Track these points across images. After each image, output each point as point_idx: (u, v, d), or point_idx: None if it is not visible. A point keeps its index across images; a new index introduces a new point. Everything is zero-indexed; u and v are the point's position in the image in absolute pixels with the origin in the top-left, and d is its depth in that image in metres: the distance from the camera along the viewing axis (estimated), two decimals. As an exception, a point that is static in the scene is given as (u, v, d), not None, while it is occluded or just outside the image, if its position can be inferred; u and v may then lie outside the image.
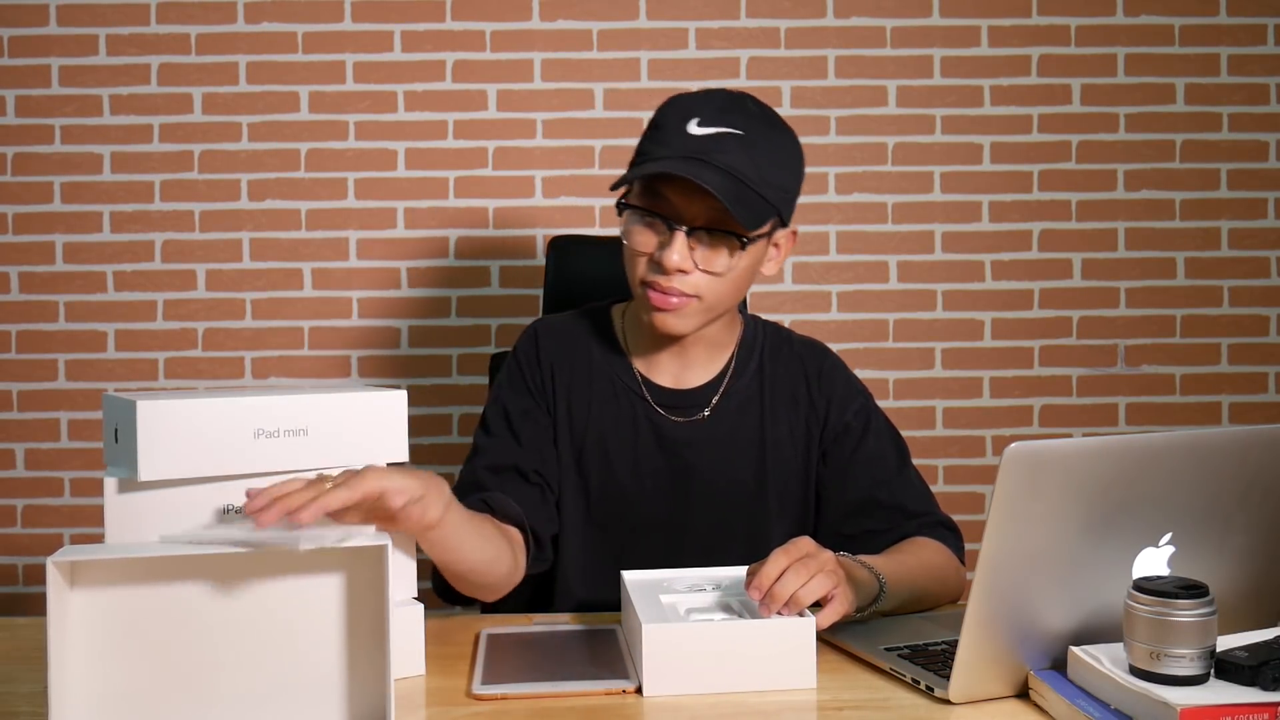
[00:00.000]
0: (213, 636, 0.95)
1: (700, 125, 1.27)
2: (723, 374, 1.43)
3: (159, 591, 0.95)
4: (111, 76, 2.31)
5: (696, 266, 1.29)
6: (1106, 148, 2.36)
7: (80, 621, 0.93)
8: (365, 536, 0.97)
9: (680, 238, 1.27)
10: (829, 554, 1.11)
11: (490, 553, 1.21)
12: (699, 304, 1.31)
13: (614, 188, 1.32)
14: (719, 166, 1.25)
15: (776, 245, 1.36)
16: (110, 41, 2.31)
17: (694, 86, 2.32)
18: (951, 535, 1.39)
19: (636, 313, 1.42)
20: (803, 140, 1.35)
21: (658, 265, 1.29)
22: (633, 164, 1.34)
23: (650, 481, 1.40)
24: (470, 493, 1.33)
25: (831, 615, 1.09)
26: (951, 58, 2.35)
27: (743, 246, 1.28)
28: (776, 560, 1.08)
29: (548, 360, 1.43)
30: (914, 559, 1.30)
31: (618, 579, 1.22)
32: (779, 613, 1.08)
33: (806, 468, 1.43)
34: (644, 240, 1.30)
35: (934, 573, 1.31)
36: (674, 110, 1.30)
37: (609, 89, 2.33)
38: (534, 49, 2.33)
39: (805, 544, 1.11)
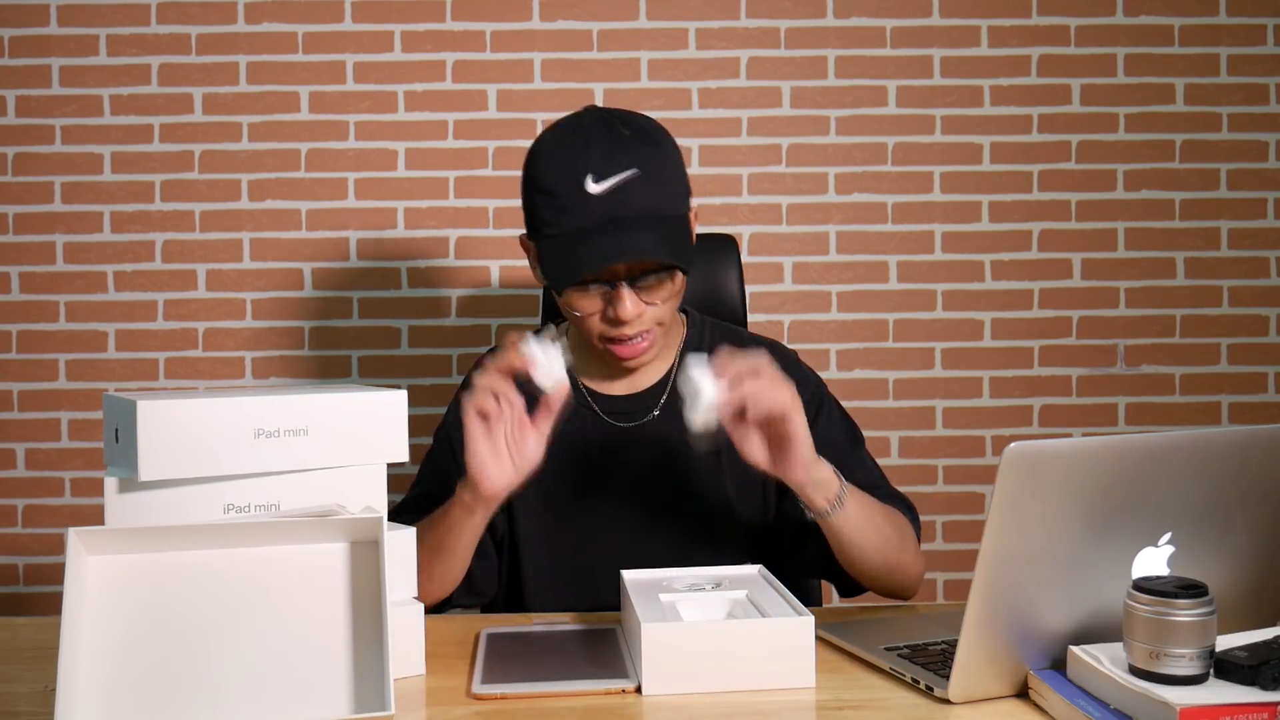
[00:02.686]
0: (221, 606, 0.96)
1: (596, 181, 1.24)
2: (669, 373, 1.44)
3: (171, 561, 0.95)
4: (111, 76, 2.31)
5: (647, 305, 1.30)
6: (1106, 148, 2.36)
7: (95, 592, 0.93)
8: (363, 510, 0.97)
9: (625, 292, 1.28)
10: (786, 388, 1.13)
11: (463, 564, 1.28)
12: (658, 329, 1.34)
13: (551, 281, 1.29)
14: (638, 218, 1.25)
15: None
16: (110, 41, 2.31)
17: (694, 86, 2.33)
18: (908, 509, 1.39)
19: (582, 338, 1.42)
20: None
21: (613, 321, 1.30)
22: (535, 231, 1.31)
23: (612, 489, 1.41)
24: (408, 516, 1.35)
25: (777, 387, 1.12)
26: (951, 58, 2.35)
27: (684, 271, 1.30)
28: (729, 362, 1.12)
29: None
30: (879, 504, 1.32)
31: (589, 587, 1.22)
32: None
33: None
34: (589, 304, 1.30)
35: (897, 526, 1.33)
36: (561, 170, 1.26)
37: (609, 89, 2.33)
38: (534, 49, 2.33)
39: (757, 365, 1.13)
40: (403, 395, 1.12)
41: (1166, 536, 0.99)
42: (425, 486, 1.43)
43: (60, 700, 0.88)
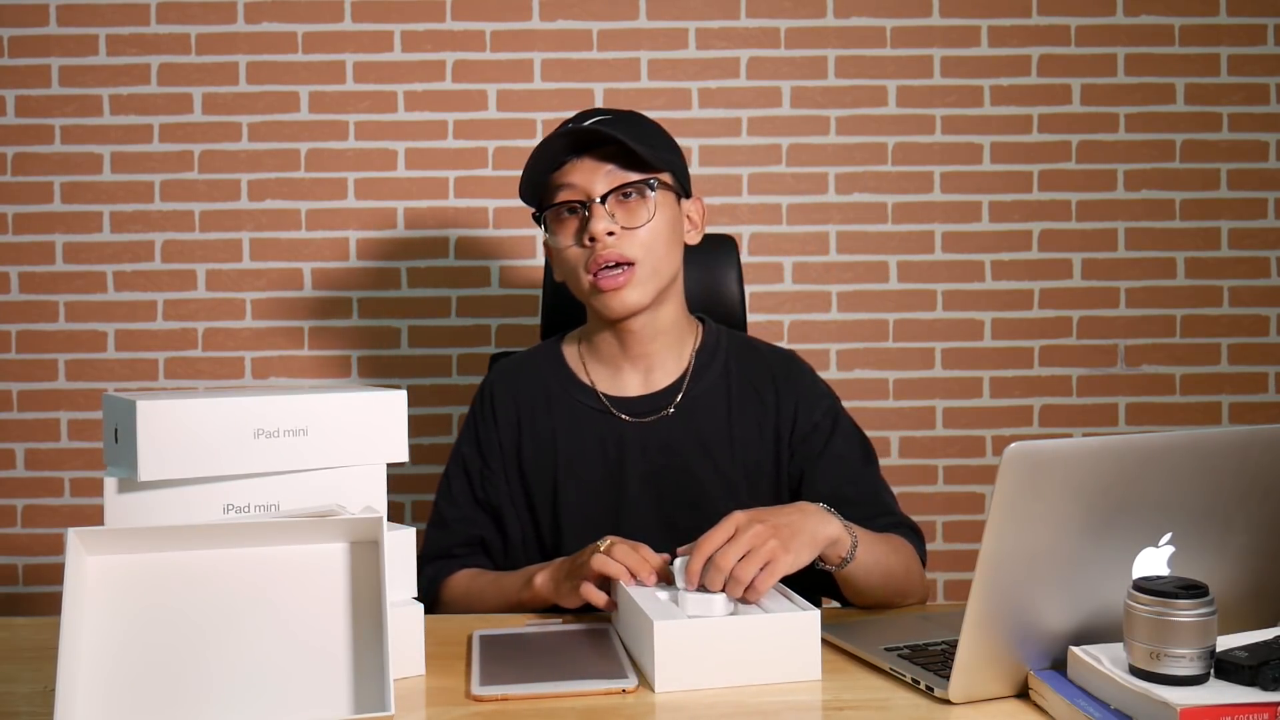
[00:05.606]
0: (221, 606, 0.96)
1: (575, 123, 1.39)
2: (684, 375, 1.45)
3: (171, 561, 0.95)
4: (111, 76, 2.31)
5: (621, 227, 1.36)
6: (1106, 148, 2.36)
7: (95, 592, 0.93)
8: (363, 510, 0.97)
9: (597, 209, 1.36)
10: (758, 527, 1.11)
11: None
12: (642, 269, 1.38)
13: (539, 207, 1.42)
14: (606, 135, 1.35)
15: (690, 218, 1.46)
16: (110, 41, 2.31)
17: (694, 86, 2.33)
18: (915, 536, 1.40)
19: (591, 333, 1.48)
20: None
21: (589, 247, 1.37)
22: (535, 201, 1.44)
23: (630, 489, 1.43)
24: (441, 560, 1.44)
25: (769, 579, 1.10)
26: (951, 58, 2.35)
27: (651, 189, 1.37)
28: (701, 550, 1.11)
29: (504, 410, 1.49)
30: (885, 540, 1.32)
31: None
32: (733, 597, 1.10)
33: (777, 469, 1.45)
34: (566, 234, 1.39)
35: (903, 560, 1.33)
36: (550, 135, 1.39)
37: (609, 89, 2.33)
38: (534, 49, 2.33)
39: (730, 524, 1.13)
40: (402, 395, 1.11)
41: (1167, 536, 0.99)
42: (462, 526, 1.47)
43: (60, 700, 0.88)
